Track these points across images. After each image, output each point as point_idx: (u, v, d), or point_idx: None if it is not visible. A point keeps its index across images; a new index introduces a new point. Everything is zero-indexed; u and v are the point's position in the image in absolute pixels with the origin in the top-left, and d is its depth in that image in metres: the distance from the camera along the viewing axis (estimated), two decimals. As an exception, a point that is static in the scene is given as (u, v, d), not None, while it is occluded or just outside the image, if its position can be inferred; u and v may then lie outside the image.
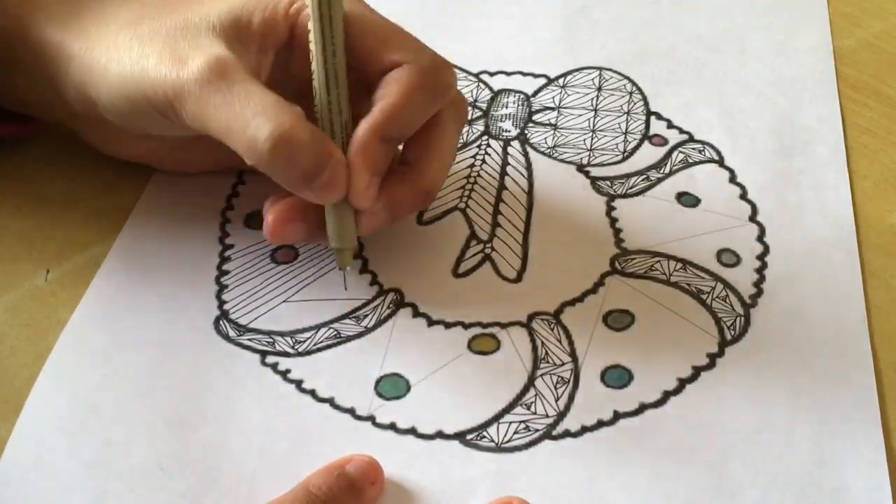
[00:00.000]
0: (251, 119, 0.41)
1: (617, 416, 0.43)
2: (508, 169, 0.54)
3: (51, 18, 0.47)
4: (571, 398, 0.44)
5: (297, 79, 0.46)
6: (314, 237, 0.46)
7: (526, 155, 0.55)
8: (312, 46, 0.44)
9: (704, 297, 0.47)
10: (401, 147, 0.47)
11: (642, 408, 0.43)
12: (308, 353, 0.45)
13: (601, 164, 0.54)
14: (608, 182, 0.53)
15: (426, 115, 0.45)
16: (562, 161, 0.54)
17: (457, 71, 0.59)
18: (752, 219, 0.51)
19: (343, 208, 0.44)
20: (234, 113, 0.42)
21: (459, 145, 0.55)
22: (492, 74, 0.59)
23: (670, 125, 0.56)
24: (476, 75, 0.59)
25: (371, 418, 0.43)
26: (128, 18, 0.46)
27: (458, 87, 0.58)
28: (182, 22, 0.44)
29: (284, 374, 0.44)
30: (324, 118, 0.44)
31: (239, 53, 0.44)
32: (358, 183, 0.43)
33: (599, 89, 0.59)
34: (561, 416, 0.43)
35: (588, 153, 0.55)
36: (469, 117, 0.56)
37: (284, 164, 0.42)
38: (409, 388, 0.44)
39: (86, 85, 0.45)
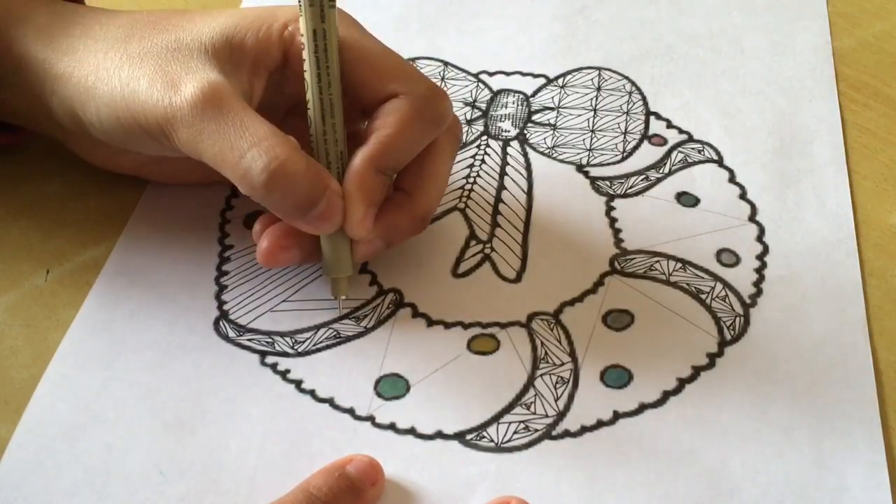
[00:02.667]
0: (246, 150, 0.41)
1: (617, 416, 0.43)
2: (508, 169, 0.54)
3: (38, 33, 0.46)
4: (571, 398, 0.44)
5: (291, 99, 0.46)
6: (309, 262, 0.46)
7: (525, 155, 0.55)
8: (307, 76, 0.44)
9: (704, 296, 0.47)
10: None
11: (642, 408, 0.43)
12: (307, 353, 0.45)
13: (600, 164, 0.54)
14: (607, 182, 0.53)
15: (422, 145, 0.45)
16: (561, 161, 0.54)
17: (456, 71, 0.59)
18: (752, 219, 0.51)
19: (339, 237, 0.44)
20: (228, 143, 0.41)
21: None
22: (491, 74, 0.59)
23: (669, 125, 0.56)
24: (475, 75, 0.59)
25: (371, 418, 0.43)
26: (117, 36, 0.45)
27: (458, 88, 0.58)
28: (174, 42, 0.44)
29: (284, 375, 0.44)
30: (319, 148, 0.44)
31: (231, 76, 0.44)
32: (354, 214, 0.43)
33: (598, 89, 0.59)
34: (560, 416, 0.43)
35: (587, 153, 0.55)
36: (468, 117, 0.56)
37: (280, 196, 0.42)
38: (408, 389, 0.44)
39: (73, 104, 0.45)
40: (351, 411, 0.43)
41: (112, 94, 0.43)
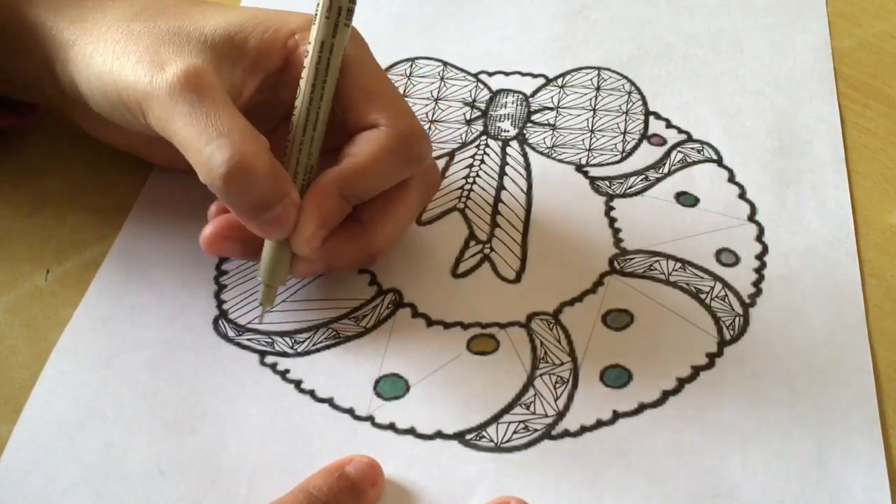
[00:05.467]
0: (213, 139, 0.41)
1: (616, 416, 0.43)
2: (507, 169, 0.54)
3: (49, 1, 0.47)
4: (570, 398, 0.44)
5: (286, 106, 0.45)
6: (248, 258, 0.46)
7: (525, 155, 0.55)
8: (302, 84, 0.44)
9: (703, 296, 0.47)
10: None
11: (641, 407, 0.43)
12: (307, 353, 0.45)
13: (600, 164, 0.54)
14: (607, 182, 0.53)
15: (391, 182, 0.45)
16: (560, 161, 0.54)
17: (456, 70, 0.59)
18: (751, 218, 0.51)
19: (282, 247, 0.44)
20: (197, 128, 0.41)
21: (458, 145, 0.55)
22: (490, 74, 0.59)
23: (669, 125, 0.56)
24: (474, 75, 0.59)
25: (370, 418, 0.43)
26: (125, 14, 0.46)
27: (458, 88, 0.58)
28: (175, 28, 0.44)
29: (283, 375, 0.45)
30: (291, 156, 0.44)
31: (223, 69, 0.44)
32: (304, 230, 0.43)
33: (598, 89, 0.59)
34: (560, 415, 0.43)
35: (587, 153, 0.55)
36: (468, 117, 0.56)
37: (237, 192, 0.41)
38: (408, 389, 0.44)
39: (72, 73, 0.45)
40: (350, 411, 0.43)
41: (104, 66, 0.44)
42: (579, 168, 0.54)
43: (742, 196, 0.52)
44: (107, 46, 0.44)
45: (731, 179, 0.53)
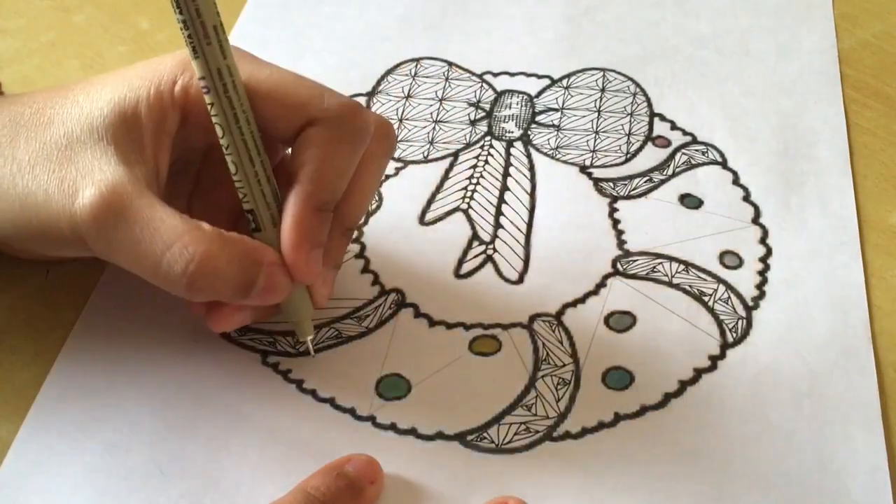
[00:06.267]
0: (160, 256, 0.38)
1: (618, 418, 0.43)
2: (511, 170, 0.54)
3: None
4: (572, 399, 0.43)
5: (200, 150, 0.44)
6: (265, 318, 0.45)
7: (529, 156, 0.54)
8: (219, 122, 0.40)
9: (706, 298, 0.47)
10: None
11: (643, 409, 0.43)
12: (309, 353, 0.45)
13: (604, 166, 0.54)
14: (611, 183, 0.53)
15: (353, 165, 0.42)
16: (565, 162, 0.54)
17: (461, 71, 0.59)
18: (755, 221, 0.51)
19: (295, 290, 0.42)
20: (141, 250, 0.39)
21: (462, 145, 0.55)
22: (495, 75, 0.59)
23: (674, 127, 0.56)
24: (479, 76, 0.59)
25: (371, 418, 0.43)
26: (1, 140, 0.42)
27: (462, 88, 0.58)
28: (64, 138, 0.41)
29: (285, 374, 0.44)
30: (253, 192, 0.41)
31: (134, 159, 0.40)
32: (308, 268, 0.41)
33: (603, 91, 0.58)
34: (562, 417, 0.43)
35: (591, 154, 0.54)
36: (472, 118, 0.56)
37: (210, 292, 0.40)
38: (409, 389, 0.44)
39: None
40: (352, 411, 0.43)
41: (13, 210, 0.41)
42: (583, 169, 0.54)
43: (746, 198, 0.52)
44: (5, 190, 0.41)
45: (736, 182, 0.53)
